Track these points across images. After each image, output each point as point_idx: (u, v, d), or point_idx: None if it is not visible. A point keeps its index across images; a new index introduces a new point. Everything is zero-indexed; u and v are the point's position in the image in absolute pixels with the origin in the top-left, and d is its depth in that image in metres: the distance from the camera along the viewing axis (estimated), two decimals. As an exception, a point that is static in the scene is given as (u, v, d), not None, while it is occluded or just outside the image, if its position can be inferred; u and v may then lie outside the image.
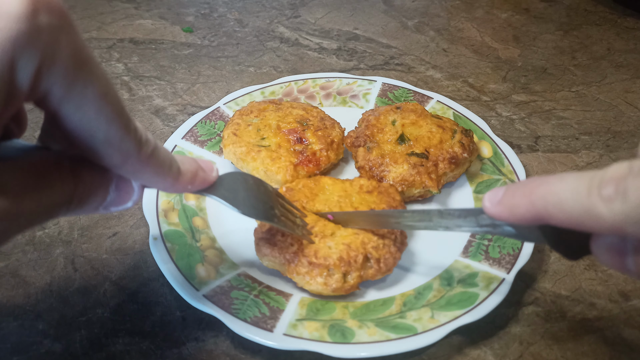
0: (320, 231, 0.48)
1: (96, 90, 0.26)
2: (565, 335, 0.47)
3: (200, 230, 0.53)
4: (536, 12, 0.96)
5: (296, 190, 0.52)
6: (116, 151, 0.29)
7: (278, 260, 0.47)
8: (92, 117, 0.26)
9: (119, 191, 0.32)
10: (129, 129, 0.28)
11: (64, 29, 0.24)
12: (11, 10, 0.22)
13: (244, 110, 0.62)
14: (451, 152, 0.56)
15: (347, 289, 0.46)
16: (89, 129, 0.27)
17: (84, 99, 0.26)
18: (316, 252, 0.46)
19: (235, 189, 0.41)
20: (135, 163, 0.30)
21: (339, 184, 0.54)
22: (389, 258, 0.47)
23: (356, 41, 0.87)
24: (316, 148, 0.58)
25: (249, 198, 0.41)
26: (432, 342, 0.43)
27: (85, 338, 0.46)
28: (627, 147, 0.67)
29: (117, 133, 0.28)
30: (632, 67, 0.82)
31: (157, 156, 0.31)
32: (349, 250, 0.46)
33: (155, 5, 0.94)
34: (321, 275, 0.45)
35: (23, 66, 0.23)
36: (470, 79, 0.79)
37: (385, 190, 0.53)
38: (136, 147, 0.29)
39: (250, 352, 0.45)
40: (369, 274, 0.47)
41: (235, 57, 0.82)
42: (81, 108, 0.26)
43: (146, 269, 0.51)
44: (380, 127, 0.59)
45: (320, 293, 0.47)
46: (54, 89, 0.25)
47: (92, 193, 0.31)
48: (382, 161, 0.56)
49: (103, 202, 0.32)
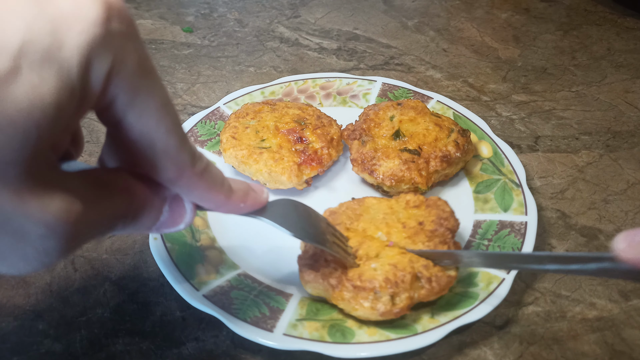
0: (364, 253, 0.45)
1: (158, 100, 0.27)
2: (565, 335, 0.47)
3: (200, 230, 0.53)
4: (536, 12, 0.96)
5: (339, 213, 0.50)
6: (173, 163, 0.29)
7: (322, 287, 0.44)
8: (153, 127, 0.27)
9: (172, 212, 0.33)
10: (185, 142, 0.29)
11: (132, 36, 0.25)
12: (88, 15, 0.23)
13: (240, 113, 0.62)
14: (444, 151, 0.56)
15: (396, 312, 0.43)
16: (149, 139, 0.28)
17: (146, 107, 0.27)
18: (361, 275, 0.43)
19: (287, 213, 0.40)
20: (190, 177, 0.30)
21: (384, 202, 0.51)
22: (441, 277, 0.44)
23: (356, 41, 0.87)
24: (317, 146, 0.58)
25: (301, 222, 0.41)
26: (432, 342, 0.43)
27: (85, 338, 0.46)
28: (627, 147, 0.67)
29: (175, 144, 0.28)
30: (632, 67, 0.82)
31: (210, 172, 0.32)
32: (396, 271, 0.43)
33: (155, 5, 0.94)
34: (367, 299, 0.42)
35: (97, 68, 0.24)
36: (470, 79, 0.79)
37: (434, 203, 0.50)
38: (191, 160, 0.30)
39: (250, 352, 0.45)
40: (421, 294, 0.43)
41: (235, 57, 0.82)
42: (143, 117, 0.27)
43: (146, 269, 0.51)
44: (377, 121, 0.60)
45: (369, 319, 0.44)
46: (121, 96, 0.26)
47: (146, 210, 0.31)
48: (374, 155, 0.56)
49: (156, 222, 0.32)
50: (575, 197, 0.60)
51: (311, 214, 0.44)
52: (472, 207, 0.56)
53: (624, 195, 0.61)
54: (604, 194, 0.61)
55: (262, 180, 0.56)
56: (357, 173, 0.58)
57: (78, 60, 0.23)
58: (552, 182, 0.62)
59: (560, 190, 0.61)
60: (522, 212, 0.54)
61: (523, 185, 0.57)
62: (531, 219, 0.53)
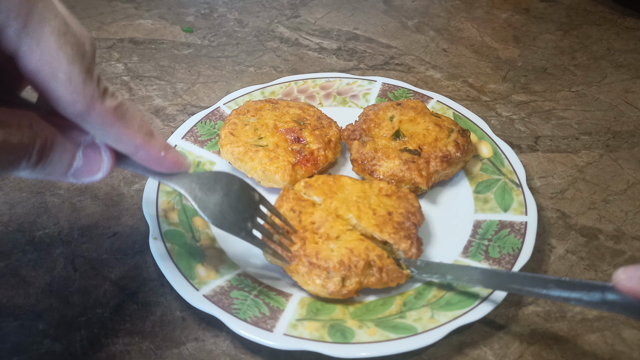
0: (325, 232, 0.48)
1: (55, 26, 0.26)
2: (565, 335, 0.47)
3: (200, 230, 0.53)
4: (536, 12, 0.96)
5: (315, 187, 0.52)
6: (79, 94, 0.28)
7: (280, 258, 0.46)
8: (52, 55, 0.26)
9: (87, 158, 0.32)
10: (92, 73, 0.28)
11: None
12: None
13: (241, 110, 0.62)
14: (444, 151, 0.56)
15: (344, 294, 0.46)
16: (50, 68, 0.27)
17: (42, 35, 0.26)
18: (318, 253, 0.46)
19: (210, 190, 0.39)
20: (101, 112, 0.30)
21: (358, 184, 0.53)
22: (392, 270, 0.46)
23: (356, 41, 0.87)
24: (314, 147, 0.58)
25: (222, 204, 0.40)
26: (432, 342, 0.43)
27: (85, 338, 0.46)
28: (627, 147, 0.67)
29: (79, 73, 0.28)
30: (632, 67, 0.82)
31: (125, 110, 0.31)
32: (351, 255, 0.46)
33: (155, 5, 0.94)
34: (320, 277, 0.45)
35: None
36: (470, 79, 0.79)
37: (405, 195, 0.52)
38: (101, 94, 0.29)
39: (250, 352, 0.45)
40: (370, 281, 0.46)
41: (235, 57, 0.82)
42: (40, 44, 0.26)
43: (146, 269, 0.51)
44: (377, 122, 0.60)
45: (318, 294, 0.46)
46: (10, 22, 0.25)
47: (54, 151, 0.30)
48: (374, 155, 0.56)
49: (69, 168, 0.32)
50: (575, 197, 0.60)
51: (244, 195, 0.42)
52: (472, 207, 0.56)
53: (624, 195, 0.61)
54: (604, 194, 0.61)
55: (257, 177, 0.57)
56: (357, 173, 0.58)
57: None
58: (552, 182, 0.62)
59: (560, 190, 0.61)
60: (522, 212, 0.54)
61: (523, 185, 0.56)
62: (531, 219, 0.53)
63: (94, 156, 0.33)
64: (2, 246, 0.52)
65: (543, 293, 0.39)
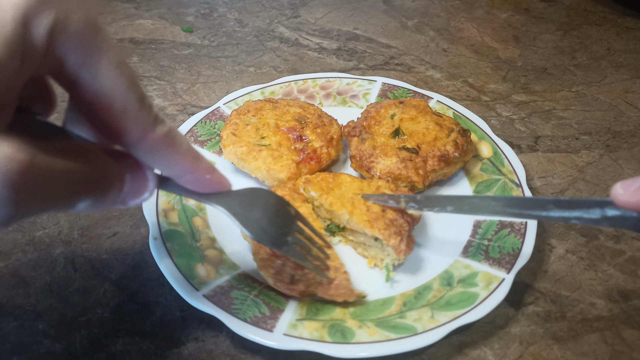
0: None
1: (111, 58, 0.27)
2: (565, 335, 0.47)
3: (200, 230, 0.53)
4: (536, 12, 0.96)
5: (314, 183, 0.53)
6: (134, 124, 0.29)
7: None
8: (109, 86, 0.27)
9: (134, 181, 0.32)
10: (145, 101, 0.29)
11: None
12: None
13: (241, 110, 0.62)
14: (442, 150, 0.56)
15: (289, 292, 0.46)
16: (107, 99, 0.27)
17: (100, 66, 0.27)
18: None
19: (249, 207, 0.39)
20: (153, 139, 0.30)
21: (356, 182, 0.53)
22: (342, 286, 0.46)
23: (356, 41, 0.87)
24: (317, 145, 0.58)
25: (262, 220, 0.40)
26: (432, 342, 0.43)
27: (85, 338, 0.46)
28: (627, 147, 0.67)
29: (134, 103, 0.28)
30: (632, 67, 0.82)
31: (174, 135, 0.31)
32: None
33: (155, 5, 0.94)
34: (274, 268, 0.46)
35: (37, 25, 0.24)
36: (470, 79, 0.79)
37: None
38: (153, 122, 0.30)
39: (250, 352, 0.45)
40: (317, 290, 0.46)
41: (235, 57, 0.82)
42: (98, 76, 0.27)
43: (146, 269, 0.51)
44: (378, 119, 0.60)
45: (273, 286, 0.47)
46: (70, 55, 0.26)
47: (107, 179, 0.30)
48: (372, 152, 0.56)
49: (121, 193, 0.32)
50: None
51: (281, 209, 0.42)
52: (472, 207, 0.56)
53: (624, 195, 0.61)
54: (604, 194, 0.61)
55: (261, 177, 0.57)
56: (355, 169, 0.58)
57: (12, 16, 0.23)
58: (552, 182, 0.62)
59: (560, 190, 0.61)
60: (522, 212, 0.54)
61: (523, 185, 0.56)
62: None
63: (139, 177, 0.32)
64: (2, 246, 0.52)
65: (543, 215, 0.38)
